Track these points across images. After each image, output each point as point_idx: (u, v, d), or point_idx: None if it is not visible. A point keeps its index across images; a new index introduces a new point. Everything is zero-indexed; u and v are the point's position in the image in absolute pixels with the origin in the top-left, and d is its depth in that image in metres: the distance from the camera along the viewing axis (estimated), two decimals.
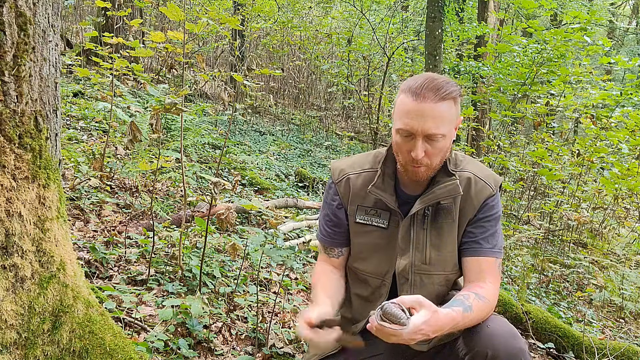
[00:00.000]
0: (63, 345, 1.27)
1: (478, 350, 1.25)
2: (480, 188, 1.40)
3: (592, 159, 5.32)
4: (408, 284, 1.41)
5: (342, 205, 1.49)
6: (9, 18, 1.14)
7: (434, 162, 1.34)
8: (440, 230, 1.40)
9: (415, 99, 1.28)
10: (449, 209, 1.40)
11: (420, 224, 1.40)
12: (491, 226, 1.41)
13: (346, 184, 1.48)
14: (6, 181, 1.16)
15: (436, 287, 1.43)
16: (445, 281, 1.44)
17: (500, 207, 1.44)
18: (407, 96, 1.30)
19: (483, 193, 1.40)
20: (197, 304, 1.90)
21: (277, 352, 2.06)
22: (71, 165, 3.52)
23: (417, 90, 1.28)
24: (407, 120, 1.29)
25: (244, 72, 5.94)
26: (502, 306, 2.94)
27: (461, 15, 10.36)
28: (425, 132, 1.27)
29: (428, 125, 1.27)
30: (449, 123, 1.31)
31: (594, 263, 4.76)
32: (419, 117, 1.27)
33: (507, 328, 1.29)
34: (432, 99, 1.27)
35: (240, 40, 8.85)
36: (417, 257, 1.40)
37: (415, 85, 1.29)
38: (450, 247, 1.41)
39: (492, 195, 1.41)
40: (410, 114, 1.28)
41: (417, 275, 1.41)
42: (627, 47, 16.56)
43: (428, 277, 1.41)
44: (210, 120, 6.54)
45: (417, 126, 1.27)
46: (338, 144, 8.77)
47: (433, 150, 1.31)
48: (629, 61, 5.26)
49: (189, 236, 2.77)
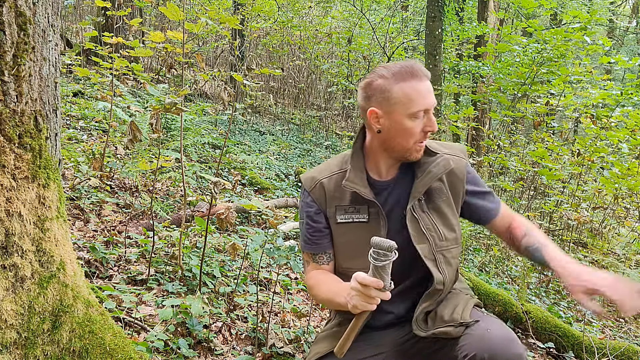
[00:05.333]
0: (63, 345, 1.27)
1: (476, 354, 1.25)
2: (457, 162, 1.52)
3: (592, 159, 5.32)
4: (436, 262, 1.45)
5: (320, 210, 1.51)
6: (9, 18, 1.14)
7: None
8: (439, 209, 1.48)
9: (418, 80, 1.38)
10: (440, 188, 1.49)
11: (420, 210, 1.46)
12: (483, 187, 1.56)
13: (320, 189, 1.51)
14: (6, 181, 1.16)
15: (455, 260, 1.52)
16: (458, 253, 1.54)
17: (472, 168, 1.60)
18: (411, 81, 1.38)
19: (461, 164, 1.52)
20: (197, 303, 1.90)
21: (277, 352, 2.06)
22: (71, 165, 3.52)
23: (413, 72, 1.38)
24: (421, 100, 1.37)
25: (244, 71, 5.94)
26: (502, 306, 2.94)
27: (461, 15, 10.36)
28: (435, 104, 1.41)
29: (433, 98, 1.41)
30: None
31: (594, 263, 4.76)
32: (428, 93, 1.39)
33: (506, 332, 1.30)
34: (425, 76, 1.40)
35: (240, 40, 8.85)
36: (434, 237, 1.46)
37: (409, 70, 1.38)
38: (454, 220, 1.51)
39: (466, 163, 1.55)
40: (422, 93, 1.38)
41: (439, 254, 1.46)
42: (627, 47, 16.56)
43: (448, 251, 1.48)
44: (210, 120, 6.54)
45: (430, 101, 1.39)
46: (338, 143, 8.77)
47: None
48: (629, 61, 5.26)
49: (189, 236, 2.77)
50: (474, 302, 1.49)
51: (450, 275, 1.47)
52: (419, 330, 1.41)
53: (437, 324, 1.39)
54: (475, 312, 1.43)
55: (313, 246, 1.52)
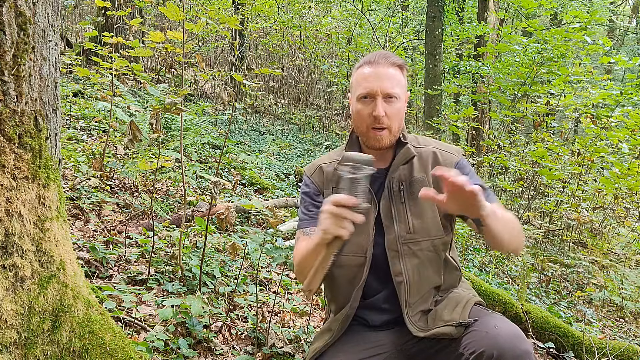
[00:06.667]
0: (63, 344, 1.27)
1: (484, 351, 1.25)
2: (447, 157, 1.53)
3: (592, 159, 5.32)
4: (398, 255, 1.45)
5: (319, 192, 1.56)
6: (9, 18, 1.14)
7: (394, 125, 1.46)
8: (417, 200, 1.48)
9: (370, 66, 1.45)
10: (422, 180, 1.49)
11: (398, 198, 1.48)
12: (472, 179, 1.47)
13: (319, 173, 1.57)
14: (6, 181, 1.16)
15: (425, 253, 1.47)
16: (433, 247, 1.48)
17: (470, 166, 1.56)
18: (363, 67, 1.46)
19: (451, 160, 1.52)
20: (197, 303, 1.90)
21: (277, 352, 2.06)
22: (71, 165, 3.52)
23: (370, 59, 1.46)
24: (366, 84, 1.43)
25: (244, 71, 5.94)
26: (502, 306, 2.94)
27: (461, 15, 10.36)
28: (384, 90, 1.42)
29: (385, 84, 1.42)
30: (401, 87, 1.45)
31: (593, 263, 4.76)
32: (377, 79, 1.43)
33: (514, 330, 1.29)
34: (385, 64, 1.44)
35: (240, 40, 8.85)
36: (401, 228, 1.46)
37: (368, 57, 1.47)
38: (431, 213, 1.48)
39: (459, 160, 1.54)
40: (369, 78, 1.43)
41: (404, 246, 1.45)
42: (627, 47, 16.55)
43: (415, 244, 1.46)
44: (210, 120, 6.54)
45: (376, 86, 1.42)
46: (338, 143, 8.76)
47: (391, 110, 1.43)
48: (629, 60, 5.26)
49: (189, 236, 2.77)
50: (475, 301, 1.48)
51: (413, 268, 1.44)
52: (416, 330, 1.41)
53: (437, 324, 1.39)
54: (478, 311, 1.42)
55: (310, 221, 1.52)
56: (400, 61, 1.48)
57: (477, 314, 1.39)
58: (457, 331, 1.34)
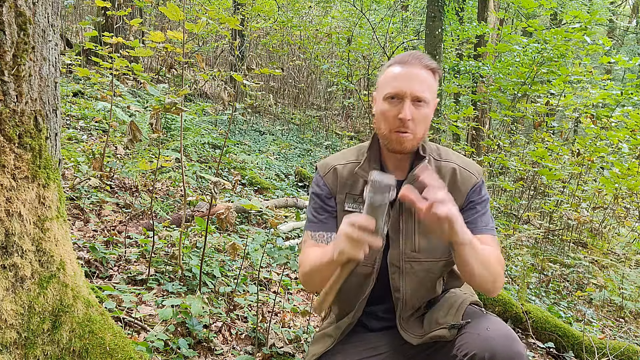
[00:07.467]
0: (63, 344, 1.27)
1: (476, 353, 1.24)
2: (466, 177, 1.45)
3: (592, 159, 5.32)
4: (399, 271, 1.43)
5: (331, 195, 1.50)
6: (9, 18, 1.14)
7: (419, 131, 1.38)
8: None
9: (402, 66, 1.38)
10: None
11: (408, 213, 1.42)
12: (482, 207, 1.45)
13: (333, 174, 1.50)
14: (6, 181, 1.16)
15: (426, 273, 1.44)
16: (435, 268, 1.45)
17: (487, 193, 1.49)
18: (394, 66, 1.39)
19: (469, 181, 1.45)
20: (197, 303, 1.90)
21: (277, 352, 2.06)
22: (71, 165, 3.52)
23: (402, 59, 1.39)
24: (395, 83, 1.36)
25: (244, 71, 5.94)
26: (502, 306, 2.94)
27: (461, 15, 10.35)
28: (413, 93, 1.34)
29: (416, 87, 1.34)
30: (432, 92, 1.38)
31: (593, 262, 4.76)
32: (407, 80, 1.35)
33: (507, 331, 1.28)
34: (417, 65, 1.37)
35: (240, 40, 8.85)
36: (406, 246, 1.42)
37: (400, 57, 1.40)
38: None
39: (477, 182, 1.46)
40: (399, 78, 1.36)
41: (407, 263, 1.42)
42: (627, 47, 16.55)
43: (418, 264, 1.43)
44: (210, 120, 6.54)
45: (405, 87, 1.35)
46: (338, 143, 8.76)
47: (418, 115, 1.36)
48: (629, 60, 5.26)
49: (189, 236, 2.77)
50: (471, 301, 1.46)
51: (412, 287, 1.42)
52: (411, 338, 1.40)
53: (432, 327, 1.38)
54: (472, 312, 1.41)
55: (317, 224, 1.48)
56: (434, 65, 1.41)
57: (471, 315, 1.38)
58: (451, 333, 1.33)
